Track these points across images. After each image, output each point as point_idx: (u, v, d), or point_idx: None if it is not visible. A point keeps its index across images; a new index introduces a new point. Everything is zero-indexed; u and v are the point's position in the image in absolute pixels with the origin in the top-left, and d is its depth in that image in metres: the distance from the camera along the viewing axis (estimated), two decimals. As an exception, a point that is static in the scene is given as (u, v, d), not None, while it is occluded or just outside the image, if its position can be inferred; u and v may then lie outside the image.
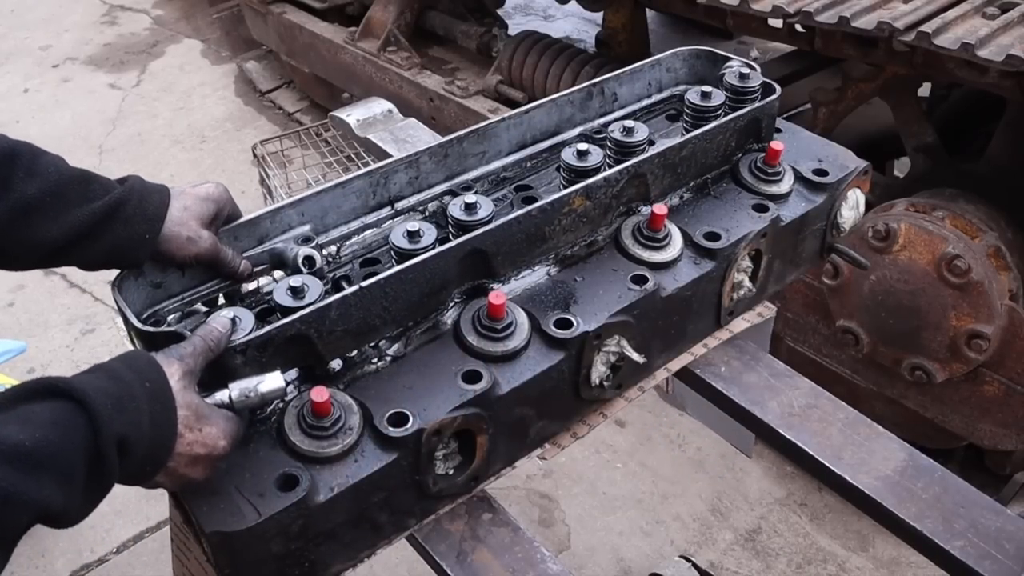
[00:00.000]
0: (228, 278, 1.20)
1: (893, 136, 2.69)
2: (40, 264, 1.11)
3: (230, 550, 0.98)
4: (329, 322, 1.05)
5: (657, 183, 1.31)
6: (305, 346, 1.05)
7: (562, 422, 1.28)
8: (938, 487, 1.24)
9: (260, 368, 1.02)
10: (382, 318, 1.10)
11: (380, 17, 4.13)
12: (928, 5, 2.17)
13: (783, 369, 1.43)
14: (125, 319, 1.07)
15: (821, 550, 2.69)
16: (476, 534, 1.18)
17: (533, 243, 1.21)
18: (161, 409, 0.91)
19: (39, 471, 0.78)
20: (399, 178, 1.31)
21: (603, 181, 1.23)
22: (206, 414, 0.95)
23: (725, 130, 1.38)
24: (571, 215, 1.22)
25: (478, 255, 1.16)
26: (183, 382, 0.94)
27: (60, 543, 2.75)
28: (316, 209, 1.25)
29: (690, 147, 1.33)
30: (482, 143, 1.35)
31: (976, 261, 2.22)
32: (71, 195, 1.07)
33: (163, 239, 1.12)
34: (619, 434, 3.08)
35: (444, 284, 1.15)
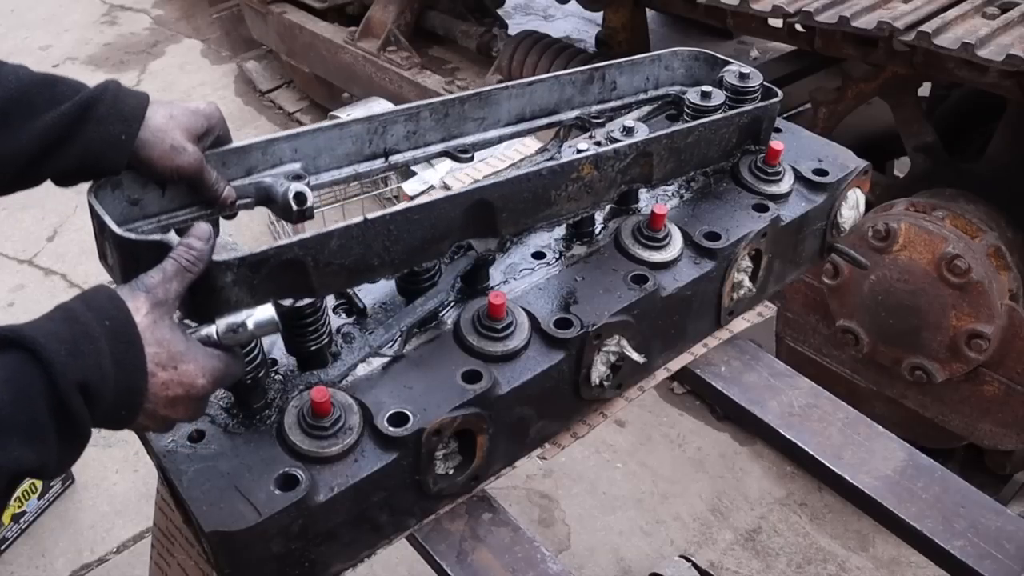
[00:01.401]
0: (210, 204, 1.11)
1: (893, 136, 2.69)
2: (17, 183, 1.02)
3: (230, 550, 0.98)
4: (328, 252, 1.00)
5: (661, 165, 1.30)
6: (299, 275, 1.00)
7: (562, 422, 1.28)
8: (938, 487, 1.24)
9: (250, 293, 0.95)
10: (381, 258, 1.06)
11: (380, 17, 4.13)
12: (928, 5, 2.17)
13: (783, 369, 1.43)
14: (101, 228, 0.98)
15: (821, 550, 2.69)
16: (476, 534, 1.18)
17: (538, 205, 1.19)
18: (125, 349, 0.84)
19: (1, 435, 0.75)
20: (397, 130, 1.27)
21: (612, 152, 1.22)
22: (181, 351, 0.88)
23: (729, 124, 1.37)
24: (578, 183, 1.20)
25: (484, 207, 1.13)
26: (151, 316, 0.86)
27: (60, 543, 2.75)
28: (310, 148, 1.20)
29: (696, 134, 1.33)
30: (483, 108, 1.32)
31: (976, 261, 2.22)
32: (37, 100, 0.98)
33: (144, 144, 1.03)
34: (619, 434, 3.08)
35: (446, 233, 1.12)
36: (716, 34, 4.30)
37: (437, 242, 1.11)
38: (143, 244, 0.93)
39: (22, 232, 4.18)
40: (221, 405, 1.09)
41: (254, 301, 0.96)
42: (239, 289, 0.95)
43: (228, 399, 1.10)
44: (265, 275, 0.96)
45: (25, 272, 3.94)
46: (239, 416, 1.08)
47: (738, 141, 1.43)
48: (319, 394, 1.02)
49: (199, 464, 1.02)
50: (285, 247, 0.97)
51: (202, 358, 0.90)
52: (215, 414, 1.08)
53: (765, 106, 1.42)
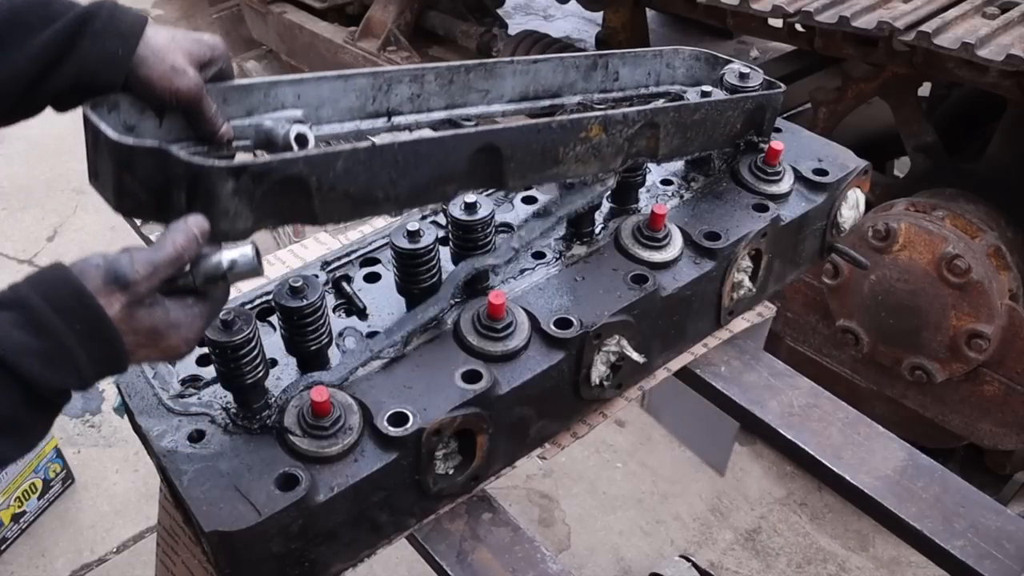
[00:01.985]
0: (207, 140, 1.05)
1: (893, 136, 2.69)
2: (18, 110, 1.00)
3: (230, 550, 0.98)
4: (333, 174, 0.97)
5: (667, 140, 1.30)
6: (301, 197, 0.96)
7: (562, 422, 1.28)
8: (938, 487, 1.24)
9: (249, 206, 0.92)
10: (385, 192, 1.03)
11: (380, 17, 4.13)
12: (928, 5, 2.17)
13: (783, 369, 1.43)
14: (95, 138, 0.93)
15: (821, 550, 2.69)
16: (476, 534, 1.18)
17: (546, 160, 1.17)
18: (101, 347, 0.82)
19: None
20: (402, 90, 1.24)
21: (621, 116, 1.22)
22: (160, 331, 0.86)
23: (735, 107, 1.37)
24: (586, 143, 1.19)
25: (492, 153, 1.12)
26: (126, 311, 0.83)
27: (60, 543, 2.75)
28: (314, 96, 1.16)
29: (702, 112, 1.32)
30: (487, 80, 1.31)
31: (976, 261, 2.22)
32: (31, 20, 0.95)
33: (142, 62, 0.97)
34: (619, 434, 3.08)
35: (452, 175, 1.09)
36: (716, 34, 4.30)
37: (443, 184, 1.08)
38: (140, 151, 0.89)
39: (22, 232, 4.18)
40: (221, 405, 1.09)
41: (252, 218, 0.92)
42: (239, 201, 0.91)
43: (228, 399, 1.10)
44: (267, 190, 0.92)
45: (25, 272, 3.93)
46: (239, 416, 1.08)
47: (742, 128, 1.42)
48: (319, 394, 1.02)
49: (199, 464, 1.02)
50: (290, 160, 0.94)
51: (183, 329, 0.88)
52: (215, 414, 1.08)
53: (769, 94, 1.42)
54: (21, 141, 4.87)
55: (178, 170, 0.88)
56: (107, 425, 3.16)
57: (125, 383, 1.13)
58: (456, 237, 1.22)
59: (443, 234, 1.27)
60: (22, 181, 4.51)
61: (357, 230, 1.54)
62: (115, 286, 0.83)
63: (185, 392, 1.12)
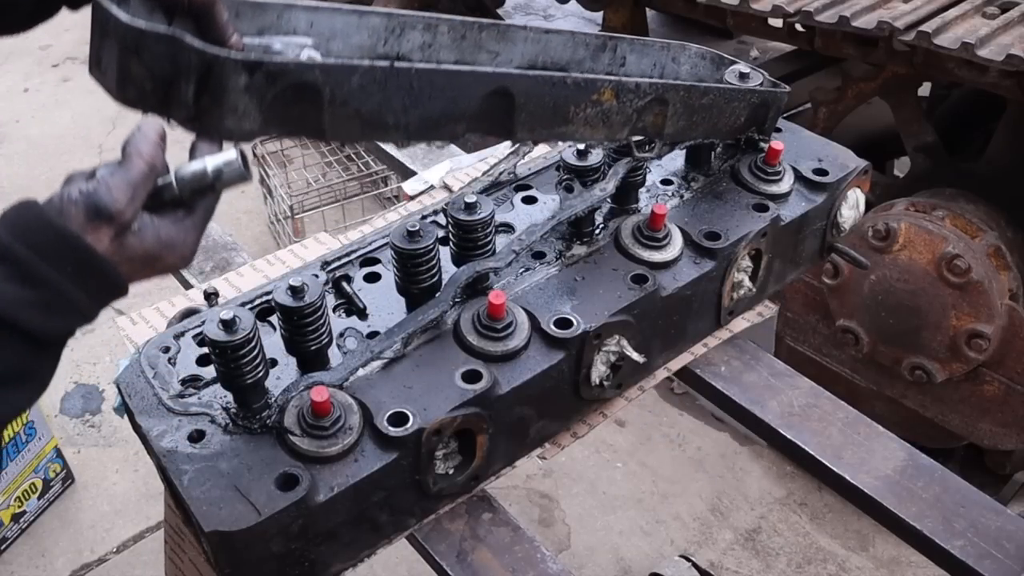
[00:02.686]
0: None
1: (893, 136, 2.69)
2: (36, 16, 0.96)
3: (230, 550, 0.98)
4: (348, 88, 0.94)
5: (674, 120, 1.29)
6: (312, 108, 0.94)
7: (562, 422, 1.28)
8: (938, 487, 1.24)
9: (258, 107, 0.89)
10: (396, 117, 1.01)
11: (380, 17, 4.13)
12: (928, 4, 2.17)
13: (783, 369, 1.43)
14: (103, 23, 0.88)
15: (821, 550, 2.69)
16: (476, 534, 1.18)
17: (556, 117, 1.16)
18: (97, 282, 0.81)
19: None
20: (414, 37, 1.22)
21: (634, 85, 1.22)
22: (155, 253, 0.85)
23: (741, 99, 1.37)
24: (597, 106, 1.18)
25: (505, 99, 1.10)
26: (116, 243, 0.82)
27: (60, 543, 2.76)
28: (327, 27, 1.13)
29: (710, 97, 1.32)
30: (499, 43, 1.29)
31: (976, 261, 2.22)
32: None
33: None
34: (619, 434, 3.08)
35: (463, 114, 1.07)
36: (716, 34, 4.30)
37: (453, 121, 1.07)
38: (152, 36, 0.84)
39: (22, 232, 4.17)
40: (221, 405, 1.09)
41: (259, 119, 0.90)
42: (249, 99, 0.88)
43: (228, 399, 1.10)
44: (280, 93, 0.89)
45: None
46: (239, 416, 1.08)
47: (745, 122, 1.42)
48: (319, 394, 1.02)
49: (199, 464, 1.02)
50: (307, 66, 0.91)
51: (178, 247, 0.87)
52: (215, 414, 1.08)
53: (774, 92, 1.42)
54: (21, 141, 4.87)
55: (190, 59, 0.85)
56: (107, 425, 3.16)
57: (125, 383, 1.13)
58: (456, 237, 1.22)
59: (443, 234, 1.27)
60: (22, 181, 4.51)
61: (357, 230, 1.55)
62: (100, 220, 0.81)
63: (185, 392, 1.12)
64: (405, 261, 1.17)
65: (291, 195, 3.73)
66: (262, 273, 1.48)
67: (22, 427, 2.69)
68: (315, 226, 3.64)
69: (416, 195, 1.71)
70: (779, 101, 1.44)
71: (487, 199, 1.23)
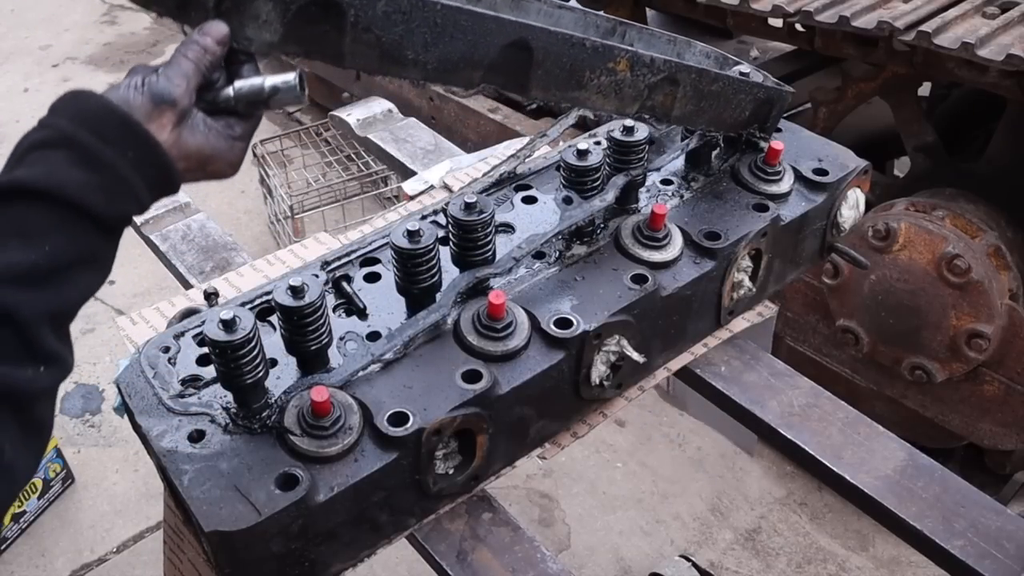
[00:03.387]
0: None
1: (893, 136, 2.69)
2: None
3: (230, 550, 0.98)
4: (372, 13, 0.94)
5: (682, 102, 1.29)
6: (334, 30, 0.94)
7: (562, 421, 1.28)
8: (938, 486, 1.24)
9: (280, 18, 0.89)
10: (416, 53, 1.01)
11: (380, 17, 4.13)
12: (928, 4, 2.17)
13: (783, 368, 1.43)
14: None
15: (821, 549, 2.69)
16: (476, 533, 1.18)
17: (571, 79, 1.16)
18: (155, 172, 0.86)
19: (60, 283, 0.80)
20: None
21: (649, 60, 1.21)
22: (207, 155, 0.90)
23: (747, 91, 1.37)
24: (611, 75, 1.18)
25: (524, 52, 1.10)
26: (176, 132, 0.87)
27: (60, 543, 2.76)
28: None
29: (719, 85, 1.32)
30: (514, 11, 1.29)
31: (976, 260, 2.22)
32: None
33: None
34: (619, 434, 3.08)
35: (481, 61, 1.07)
36: (716, 33, 4.30)
37: (471, 67, 1.06)
38: None
39: (22, 232, 4.17)
40: (221, 405, 1.09)
41: (280, 32, 0.90)
42: (272, 9, 0.88)
43: (228, 399, 1.10)
44: (303, 8, 0.90)
45: (25, 272, 3.93)
46: (239, 416, 1.08)
47: (749, 117, 1.42)
48: (319, 394, 1.02)
49: (199, 464, 1.02)
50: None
51: (227, 153, 0.92)
52: (215, 414, 1.08)
53: (779, 90, 1.42)
54: (21, 141, 4.87)
55: None
56: (107, 425, 3.16)
57: (125, 383, 1.13)
58: (456, 237, 1.22)
59: (443, 234, 1.27)
60: (22, 181, 4.51)
61: (357, 230, 1.55)
62: (161, 107, 0.86)
63: (185, 392, 1.12)
64: (405, 261, 1.17)
65: (291, 195, 3.73)
66: (262, 273, 1.48)
67: (22, 427, 2.69)
68: (315, 226, 3.64)
69: (416, 195, 1.71)
70: (783, 100, 1.44)
71: (487, 199, 1.23)
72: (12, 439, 0.76)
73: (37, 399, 0.80)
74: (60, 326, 0.83)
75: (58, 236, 0.80)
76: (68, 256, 0.81)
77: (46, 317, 0.80)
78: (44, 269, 0.79)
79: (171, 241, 1.70)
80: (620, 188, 1.33)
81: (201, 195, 4.26)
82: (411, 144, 2.02)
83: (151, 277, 3.69)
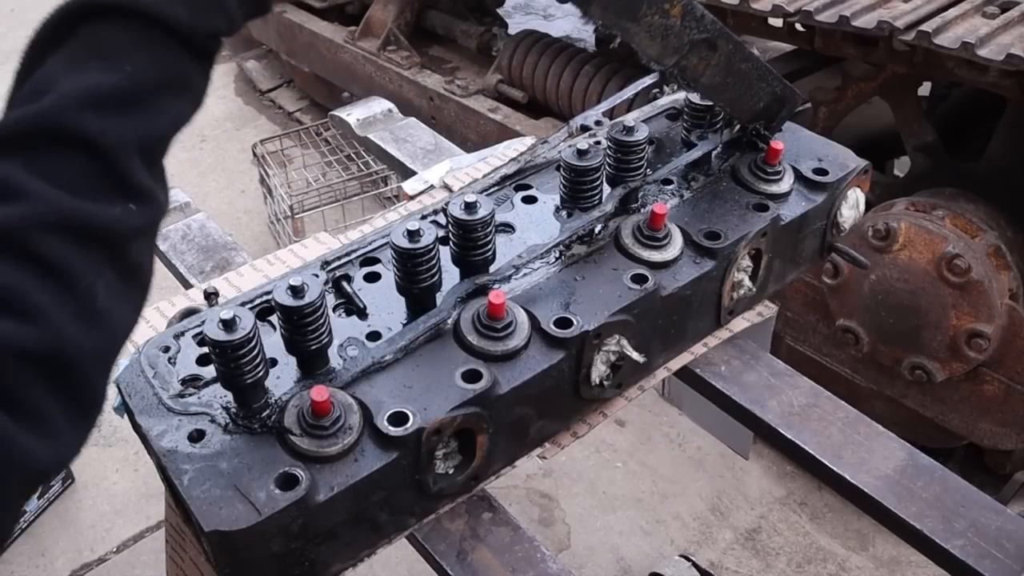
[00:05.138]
0: None
1: (893, 135, 2.69)
2: None
3: (230, 549, 0.98)
4: None
5: (714, 71, 1.29)
6: None
7: (562, 421, 1.28)
8: (938, 486, 1.24)
9: None
10: None
11: (380, 16, 4.14)
12: (928, 4, 2.17)
13: (783, 368, 1.43)
14: None
15: (821, 549, 2.69)
16: (476, 533, 1.18)
17: (629, 9, 1.16)
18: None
19: (148, 109, 0.74)
20: None
21: (700, 14, 1.23)
22: None
23: (768, 82, 1.38)
24: (664, 18, 1.20)
25: None
26: None
27: (60, 542, 2.76)
28: None
29: (748, 65, 1.33)
30: None
31: (976, 260, 2.22)
32: None
33: None
34: (619, 433, 3.08)
35: None
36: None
37: None
38: None
39: (22, 232, 4.17)
40: (221, 405, 1.09)
41: None
42: None
43: (228, 399, 1.10)
44: None
45: (25, 272, 3.93)
46: (239, 416, 1.08)
47: (762, 109, 1.42)
48: (319, 393, 1.02)
49: (199, 464, 1.02)
50: None
51: None
52: (215, 414, 1.08)
53: (795, 92, 1.42)
54: (21, 141, 4.87)
55: None
56: (107, 425, 3.16)
57: (125, 383, 1.13)
58: (456, 237, 1.22)
59: (443, 234, 1.27)
60: (22, 181, 4.51)
61: (357, 230, 1.55)
62: None
63: (185, 392, 1.12)
64: (405, 261, 1.17)
65: (291, 195, 3.73)
66: (262, 273, 1.48)
67: (22, 427, 2.69)
68: (315, 226, 3.65)
69: (416, 195, 1.71)
70: (794, 103, 1.45)
71: (487, 199, 1.23)
72: (107, 283, 0.69)
73: (130, 239, 0.72)
74: (151, 159, 0.75)
75: (141, 55, 0.73)
76: (154, 78, 0.74)
77: (134, 147, 0.72)
78: (128, 93, 0.72)
79: (171, 241, 1.70)
80: (619, 199, 1.33)
81: (201, 195, 4.27)
82: (411, 144, 2.02)
83: (151, 277, 3.68)
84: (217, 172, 4.51)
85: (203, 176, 4.44)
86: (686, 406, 3.11)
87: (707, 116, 1.46)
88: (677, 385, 1.47)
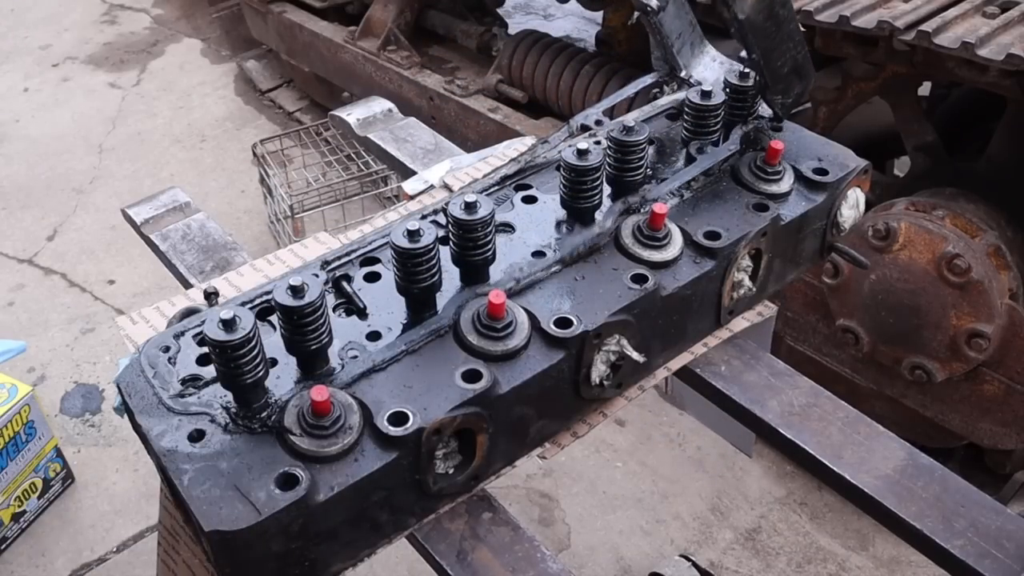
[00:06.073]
0: None
1: (893, 135, 2.69)
2: None
3: (230, 549, 0.98)
4: None
5: (755, 7, 1.29)
6: None
7: (562, 421, 1.28)
8: (938, 486, 1.24)
9: None
10: None
11: (380, 16, 4.14)
12: (928, 4, 2.17)
13: (783, 368, 1.43)
14: None
15: (821, 549, 2.69)
16: (476, 533, 1.18)
17: None
18: None
19: None
20: None
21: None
22: None
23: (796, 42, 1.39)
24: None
25: None
26: None
27: (60, 542, 2.76)
28: None
29: (787, 11, 1.34)
30: None
31: (976, 260, 2.22)
32: None
33: None
34: (619, 433, 3.08)
35: None
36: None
37: None
38: None
39: (22, 231, 4.18)
40: (221, 404, 1.09)
41: None
42: None
43: (228, 399, 1.10)
44: None
45: (25, 271, 3.95)
46: (239, 415, 1.08)
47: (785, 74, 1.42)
48: (319, 393, 1.02)
49: (199, 464, 1.02)
50: None
51: None
52: (215, 413, 1.08)
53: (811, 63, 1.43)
54: (21, 141, 4.88)
55: None
56: (107, 425, 3.16)
57: (125, 382, 1.13)
58: (456, 237, 1.22)
59: (443, 234, 1.27)
60: (22, 181, 4.52)
61: (357, 230, 1.54)
62: None
63: (185, 392, 1.12)
64: (405, 261, 1.17)
65: (291, 195, 3.73)
66: (262, 273, 1.48)
67: (22, 427, 2.69)
68: (315, 226, 3.65)
69: (416, 195, 1.71)
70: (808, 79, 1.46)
71: (487, 199, 1.23)
72: None
73: None
74: None
75: None
76: None
77: None
78: None
79: (171, 241, 1.70)
80: (618, 215, 1.34)
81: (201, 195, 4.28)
82: (411, 144, 2.02)
83: (151, 277, 3.69)
84: (217, 172, 4.51)
85: (203, 176, 4.44)
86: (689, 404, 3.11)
87: (707, 117, 1.45)
88: (679, 384, 1.47)
